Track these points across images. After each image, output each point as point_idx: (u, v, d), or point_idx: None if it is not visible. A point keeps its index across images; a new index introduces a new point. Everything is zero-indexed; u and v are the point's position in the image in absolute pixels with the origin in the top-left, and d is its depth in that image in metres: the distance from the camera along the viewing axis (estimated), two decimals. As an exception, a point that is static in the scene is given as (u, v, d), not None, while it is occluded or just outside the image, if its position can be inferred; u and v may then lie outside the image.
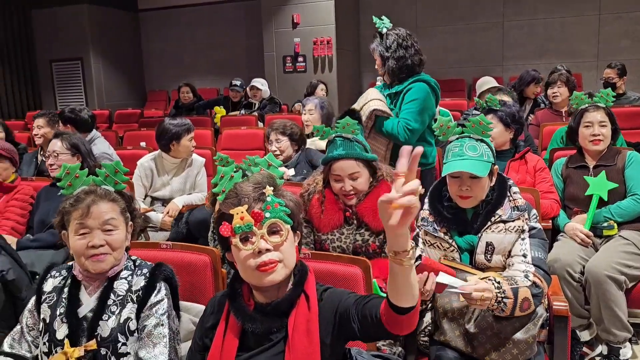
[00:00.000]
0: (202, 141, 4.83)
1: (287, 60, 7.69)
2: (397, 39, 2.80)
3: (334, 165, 2.16)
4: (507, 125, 2.86)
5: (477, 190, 1.86)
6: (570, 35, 7.60)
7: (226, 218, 1.29)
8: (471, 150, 1.88)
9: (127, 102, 9.50)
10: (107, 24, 9.14)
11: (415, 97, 2.74)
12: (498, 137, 2.85)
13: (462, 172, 1.84)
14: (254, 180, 1.35)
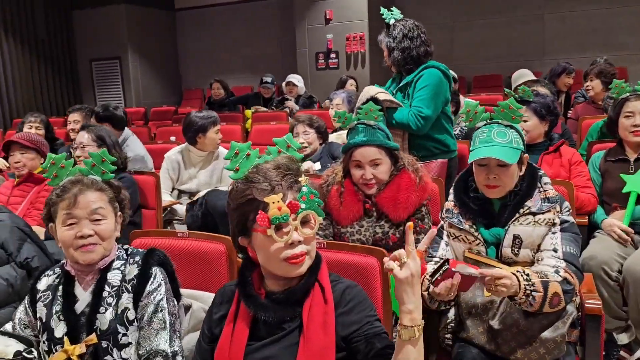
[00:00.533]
0: (231, 136, 4.85)
1: (319, 57, 7.65)
2: (403, 30, 2.79)
3: (355, 152, 2.10)
4: (541, 117, 2.73)
5: (506, 179, 1.76)
6: (615, 27, 7.26)
7: (260, 206, 1.23)
8: (500, 136, 1.78)
9: (163, 100, 9.66)
10: (144, 23, 9.32)
11: (427, 83, 2.71)
12: (532, 130, 2.72)
13: (489, 160, 1.74)
14: (278, 164, 1.29)
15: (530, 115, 2.72)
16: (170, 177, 3.41)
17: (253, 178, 1.27)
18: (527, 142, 2.70)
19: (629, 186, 2.47)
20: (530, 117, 2.72)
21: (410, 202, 2.05)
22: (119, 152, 3.03)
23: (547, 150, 2.72)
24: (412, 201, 2.05)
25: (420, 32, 2.81)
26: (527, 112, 2.71)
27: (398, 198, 2.06)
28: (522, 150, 1.79)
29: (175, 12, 10.09)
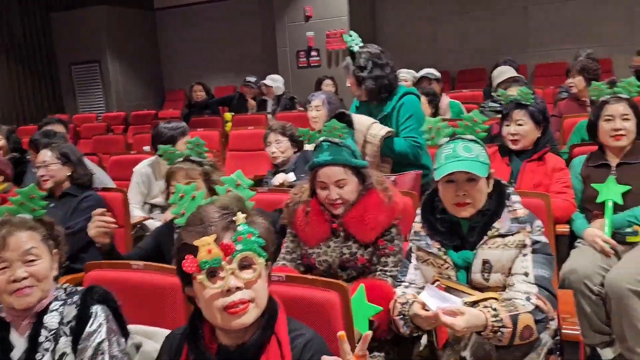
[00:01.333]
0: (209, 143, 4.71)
1: (300, 55, 7.52)
2: (372, 58, 2.74)
3: (320, 171, 1.99)
4: (537, 122, 2.64)
5: (476, 195, 1.67)
6: (598, 18, 7.18)
7: (190, 250, 1.13)
8: (466, 150, 1.69)
9: (145, 102, 9.51)
10: (123, 24, 9.14)
11: (411, 111, 2.72)
12: (528, 135, 2.63)
13: (457, 175, 1.66)
14: (220, 203, 1.20)
15: (527, 120, 2.62)
16: (140, 191, 3.29)
17: (190, 221, 1.18)
18: (520, 149, 2.64)
19: (602, 195, 2.38)
20: (527, 122, 2.62)
21: (378, 222, 1.95)
22: (84, 169, 2.91)
23: (531, 158, 2.62)
24: (380, 222, 1.95)
25: (388, 59, 2.78)
26: (524, 116, 2.62)
27: (365, 218, 1.95)
28: (489, 165, 1.71)
29: (155, 12, 9.91)
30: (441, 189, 1.73)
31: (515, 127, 2.61)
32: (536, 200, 2.12)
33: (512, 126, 2.62)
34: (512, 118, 2.62)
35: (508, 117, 2.64)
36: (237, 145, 4.62)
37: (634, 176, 2.41)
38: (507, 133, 2.64)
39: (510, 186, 1.78)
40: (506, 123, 2.66)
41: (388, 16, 8.17)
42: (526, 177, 2.56)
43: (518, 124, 2.61)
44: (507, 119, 2.65)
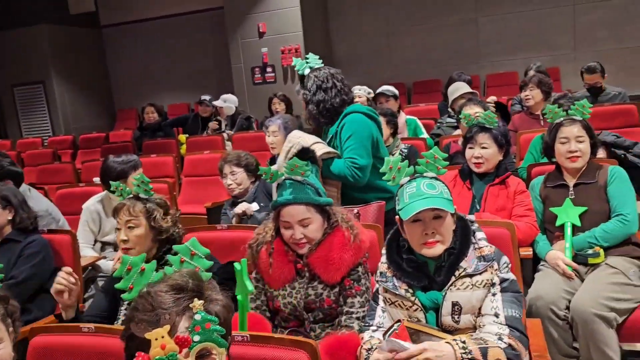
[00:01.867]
0: (162, 169, 4.57)
1: (255, 71, 7.42)
2: (317, 81, 2.63)
3: (283, 211, 1.91)
4: (500, 145, 2.63)
5: (444, 232, 1.64)
6: (546, 28, 7.41)
7: (141, 344, 0.99)
8: (430, 188, 1.65)
9: (95, 124, 9.17)
10: (69, 43, 8.80)
11: (351, 131, 2.55)
12: (491, 158, 2.62)
13: (424, 214, 1.62)
14: (174, 283, 1.08)
15: (490, 143, 2.61)
16: (90, 230, 3.11)
17: (140, 305, 1.06)
18: (483, 172, 2.64)
19: (561, 218, 2.40)
20: (491, 145, 2.61)
21: (344, 262, 1.88)
22: (27, 212, 2.72)
23: (493, 182, 2.62)
24: (346, 261, 1.88)
25: (336, 81, 2.64)
26: (488, 139, 2.61)
27: (331, 258, 1.88)
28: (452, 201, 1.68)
29: (101, 30, 9.60)
30: (407, 229, 1.68)
31: (479, 151, 2.61)
32: (501, 229, 2.10)
33: (476, 149, 2.62)
34: (477, 141, 2.62)
35: (472, 140, 2.64)
36: (192, 171, 4.48)
37: (590, 196, 2.43)
38: (471, 156, 2.63)
39: (475, 223, 1.74)
40: (470, 146, 2.65)
41: (342, 31, 8.19)
42: (490, 201, 2.55)
43: (482, 147, 2.60)
44: (471, 142, 2.64)
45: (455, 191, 2.64)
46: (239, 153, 3.13)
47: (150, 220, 2.11)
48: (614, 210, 2.39)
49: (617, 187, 2.41)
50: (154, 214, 2.13)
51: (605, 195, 2.43)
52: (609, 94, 4.76)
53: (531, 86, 4.14)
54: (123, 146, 5.76)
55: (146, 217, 2.11)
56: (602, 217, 2.40)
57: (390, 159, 1.72)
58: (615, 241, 2.33)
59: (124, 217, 2.06)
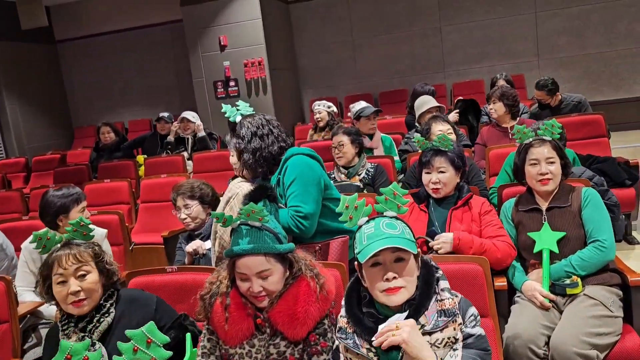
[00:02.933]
0: (117, 196, 4.30)
1: (218, 85, 7.19)
2: (251, 128, 2.36)
3: (239, 262, 1.70)
4: (457, 168, 2.49)
5: (408, 277, 1.47)
6: (509, 36, 7.41)
7: None
8: (390, 227, 1.49)
9: (52, 142, 8.76)
10: (21, 60, 8.37)
11: (294, 175, 2.30)
12: (450, 183, 2.48)
13: (385, 256, 1.45)
14: None
15: (447, 167, 2.47)
16: (31, 271, 2.83)
17: None
18: (441, 197, 2.49)
19: (539, 244, 2.27)
20: (448, 169, 2.47)
21: (309, 316, 1.67)
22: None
23: (456, 205, 2.47)
24: (311, 315, 1.68)
25: (272, 127, 2.40)
26: (444, 162, 2.46)
27: (295, 312, 1.68)
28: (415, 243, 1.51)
29: (56, 45, 9.21)
30: (367, 275, 1.50)
31: (437, 175, 2.46)
32: (473, 266, 1.94)
33: (433, 174, 2.47)
34: (433, 166, 2.47)
35: (428, 164, 2.49)
36: (149, 196, 4.22)
37: (565, 221, 2.31)
38: (429, 181, 2.48)
39: (439, 270, 1.57)
40: (426, 171, 2.50)
41: (306, 43, 8.03)
42: (454, 226, 2.40)
43: (440, 171, 2.46)
44: (427, 166, 2.49)
45: (413, 217, 2.49)
46: (192, 183, 2.89)
47: (99, 264, 1.90)
48: (589, 236, 2.27)
49: (592, 212, 2.29)
50: (102, 257, 1.93)
51: (580, 219, 2.31)
52: (568, 104, 4.72)
53: (493, 99, 4.06)
54: (78, 169, 5.45)
55: (95, 262, 1.90)
56: (577, 243, 2.28)
57: (346, 198, 1.54)
58: (592, 269, 2.20)
59: (70, 266, 1.83)
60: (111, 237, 3.20)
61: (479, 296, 1.90)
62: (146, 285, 2.20)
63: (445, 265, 1.94)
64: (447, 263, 1.95)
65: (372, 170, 3.54)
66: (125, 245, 3.22)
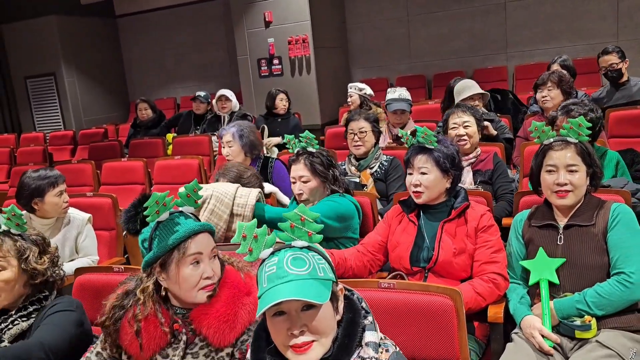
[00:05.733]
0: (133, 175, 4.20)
1: (261, 63, 6.95)
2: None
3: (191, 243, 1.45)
4: (444, 170, 2.08)
5: (321, 329, 1.14)
6: (584, 13, 6.56)
7: None
8: (296, 265, 1.15)
9: (109, 115, 8.98)
10: (80, 34, 8.59)
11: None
12: (433, 186, 2.08)
13: (288, 304, 1.13)
14: None
15: (431, 167, 2.07)
16: None
17: None
18: (425, 203, 2.11)
19: (535, 275, 1.84)
20: (431, 170, 2.07)
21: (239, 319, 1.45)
22: None
23: (449, 217, 2.07)
24: (241, 318, 1.45)
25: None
26: (427, 162, 2.08)
27: (223, 313, 1.45)
28: (334, 281, 1.17)
29: (116, 20, 9.36)
30: (270, 325, 1.18)
31: (417, 177, 2.07)
32: (441, 298, 1.56)
33: (414, 175, 2.08)
34: (414, 166, 2.08)
35: (409, 164, 2.10)
36: (162, 178, 4.08)
37: (585, 244, 1.86)
38: (410, 183, 2.10)
39: (369, 315, 1.23)
40: (409, 171, 2.12)
41: (358, 19, 7.59)
42: (445, 244, 2.01)
43: (421, 172, 2.06)
44: (409, 166, 2.11)
45: (400, 228, 2.12)
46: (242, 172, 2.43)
47: (21, 261, 1.73)
48: (614, 265, 1.80)
49: (621, 235, 1.82)
50: (26, 254, 1.75)
51: (604, 243, 1.84)
52: (635, 84, 3.99)
53: (550, 85, 3.49)
54: (110, 145, 5.46)
55: (17, 258, 1.73)
56: (598, 274, 1.83)
57: (243, 225, 1.22)
58: (612, 309, 1.75)
59: None
60: (102, 222, 3.08)
61: (446, 338, 1.53)
62: (89, 284, 2.02)
63: (409, 295, 1.58)
64: (413, 293, 1.59)
65: (386, 163, 3.16)
66: (118, 230, 3.07)
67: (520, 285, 1.99)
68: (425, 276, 2.06)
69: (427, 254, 2.06)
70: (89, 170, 4.29)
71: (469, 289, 1.93)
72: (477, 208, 2.08)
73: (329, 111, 6.80)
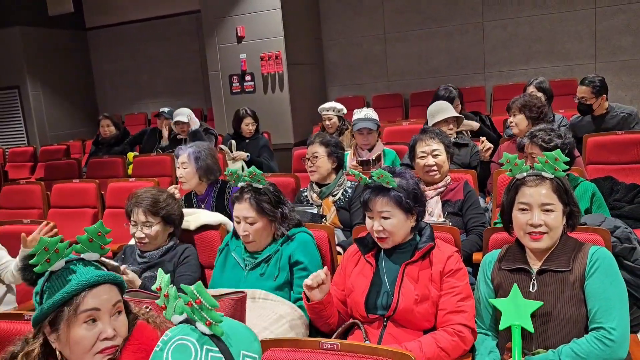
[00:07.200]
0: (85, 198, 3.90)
1: (233, 79, 6.72)
2: None
3: (88, 297, 1.21)
4: (408, 210, 1.85)
5: None
6: (562, 34, 6.48)
7: None
8: None
9: (76, 131, 8.64)
10: (47, 46, 8.27)
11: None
12: (398, 230, 1.85)
13: None
14: None
15: (393, 210, 1.83)
16: None
17: None
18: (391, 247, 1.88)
19: (506, 319, 1.61)
20: (394, 213, 1.83)
21: None
22: None
23: (412, 259, 1.83)
24: None
25: None
26: (387, 205, 1.84)
27: None
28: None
29: (86, 32, 9.07)
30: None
31: (379, 222, 1.83)
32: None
33: (375, 220, 1.84)
34: (374, 210, 1.84)
35: (367, 207, 1.86)
36: (116, 201, 3.78)
37: (560, 293, 1.64)
38: (371, 229, 1.86)
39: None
40: (368, 214, 1.88)
41: (334, 35, 7.42)
42: (406, 290, 1.78)
43: (383, 216, 1.83)
44: (367, 209, 1.87)
45: (357, 270, 1.89)
46: (157, 196, 2.33)
47: None
48: (592, 319, 1.59)
49: (600, 284, 1.60)
50: None
51: (581, 292, 1.63)
52: (615, 116, 3.86)
53: (514, 111, 3.32)
54: (68, 164, 5.15)
55: None
56: (575, 327, 1.61)
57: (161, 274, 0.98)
58: (590, 369, 1.53)
59: None
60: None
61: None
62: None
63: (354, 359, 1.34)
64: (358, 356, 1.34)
65: (350, 190, 2.93)
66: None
67: (489, 336, 1.77)
68: (384, 325, 1.83)
69: (385, 301, 1.83)
70: (38, 192, 3.99)
71: (431, 342, 1.70)
72: (444, 248, 1.86)
73: (303, 130, 6.58)
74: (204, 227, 2.52)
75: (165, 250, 2.35)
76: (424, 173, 2.69)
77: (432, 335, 1.73)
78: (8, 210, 3.98)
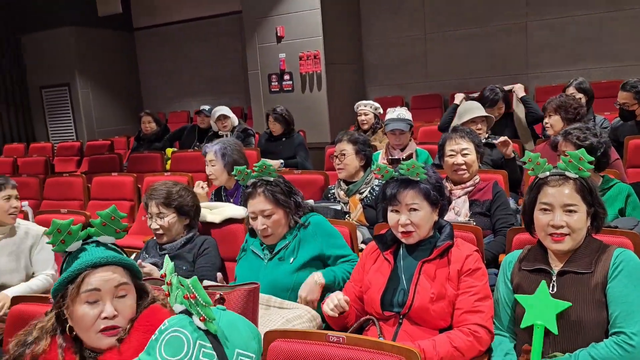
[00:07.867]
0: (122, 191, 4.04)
1: (272, 78, 6.81)
2: None
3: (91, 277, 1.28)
4: (434, 203, 1.84)
5: None
6: (610, 34, 6.23)
7: None
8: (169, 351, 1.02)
9: (122, 127, 8.95)
10: (96, 45, 8.62)
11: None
12: (425, 224, 1.83)
13: None
14: None
15: (421, 203, 1.81)
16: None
17: None
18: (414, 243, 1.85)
19: (530, 316, 1.55)
20: (422, 206, 1.81)
21: None
22: None
23: (429, 257, 1.81)
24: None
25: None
26: (416, 197, 1.82)
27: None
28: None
29: (134, 32, 9.39)
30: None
31: (407, 216, 1.81)
32: (397, 359, 1.31)
33: (403, 214, 1.82)
34: (401, 203, 1.82)
35: (394, 201, 1.84)
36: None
37: (580, 295, 1.59)
38: (396, 223, 1.83)
39: None
40: (392, 208, 1.86)
41: (374, 36, 7.40)
42: (422, 288, 1.76)
43: (412, 208, 1.81)
44: (394, 203, 1.84)
45: (374, 268, 1.88)
46: (170, 188, 2.41)
47: None
48: (613, 323, 1.53)
49: (622, 287, 1.54)
50: None
51: (603, 296, 1.57)
52: None
53: (549, 111, 3.23)
54: (110, 158, 5.35)
55: None
56: (594, 332, 1.56)
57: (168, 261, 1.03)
58: (608, 376, 1.47)
59: None
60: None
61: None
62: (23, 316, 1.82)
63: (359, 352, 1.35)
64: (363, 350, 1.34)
65: (377, 188, 2.92)
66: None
67: (507, 337, 1.73)
68: (400, 323, 1.81)
69: (401, 298, 1.81)
70: (80, 184, 4.16)
71: (445, 341, 1.67)
72: (463, 247, 1.82)
73: (340, 129, 6.57)
74: (229, 220, 2.57)
75: (184, 242, 2.41)
76: (452, 172, 2.66)
77: (447, 334, 1.71)
78: (51, 201, 4.17)
